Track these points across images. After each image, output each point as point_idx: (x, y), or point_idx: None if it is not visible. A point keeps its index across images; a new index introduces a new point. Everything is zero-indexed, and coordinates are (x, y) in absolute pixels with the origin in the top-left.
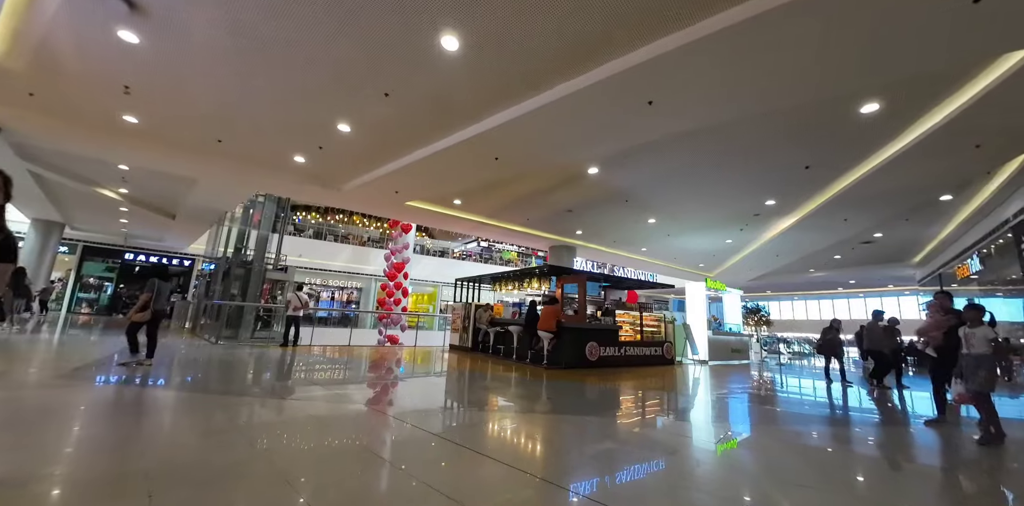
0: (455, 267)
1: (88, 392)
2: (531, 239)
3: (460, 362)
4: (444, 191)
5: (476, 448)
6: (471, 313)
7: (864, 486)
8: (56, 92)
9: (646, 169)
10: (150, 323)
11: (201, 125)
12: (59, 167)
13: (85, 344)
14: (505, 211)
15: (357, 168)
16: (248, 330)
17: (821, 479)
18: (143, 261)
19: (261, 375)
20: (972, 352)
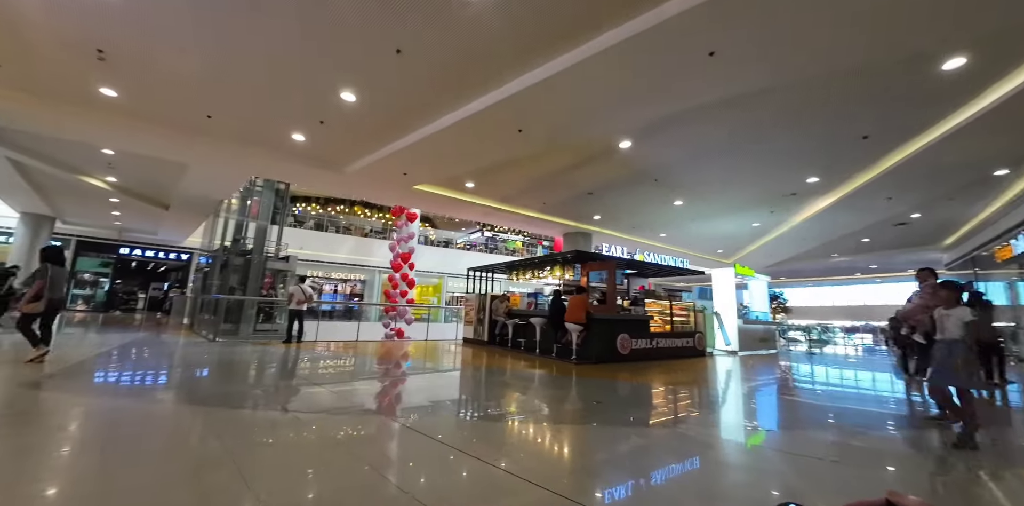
0: (460, 258)
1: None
2: (545, 226)
3: (479, 357)
4: (456, 172)
5: (521, 473)
6: (486, 304)
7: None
8: (25, 60)
9: (683, 143)
10: (45, 314)
11: (187, 97)
12: (39, 153)
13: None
14: (520, 195)
15: (362, 146)
16: (249, 324)
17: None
18: (139, 255)
19: (259, 381)
20: (945, 337)
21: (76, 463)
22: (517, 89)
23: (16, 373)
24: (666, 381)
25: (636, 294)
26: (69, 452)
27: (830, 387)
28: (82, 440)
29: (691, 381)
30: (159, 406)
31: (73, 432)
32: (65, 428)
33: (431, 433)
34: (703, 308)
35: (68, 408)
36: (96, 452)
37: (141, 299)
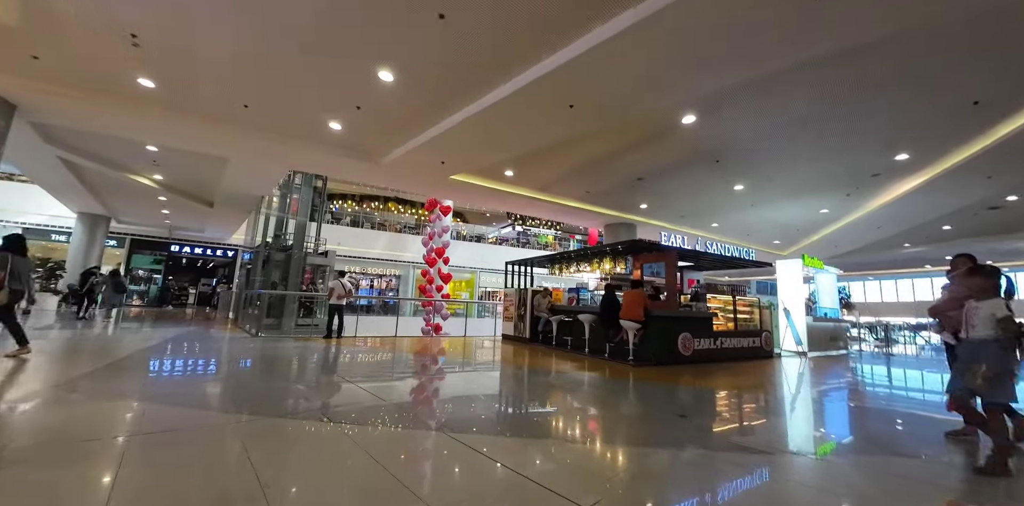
0: (492, 252)
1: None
2: (584, 216)
3: (524, 357)
4: (496, 160)
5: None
6: (527, 300)
7: None
8: (60, 51)
9: (757, 115)
10: (4, 307)
11: (223, 86)
12: (87, 151)
13: (128, 337)
14: (562, 183)
15: (399, 133)
16: (291, 319)
17: None
18: (188, 253)
19: (299, 380)
20: (971, 336)
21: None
22: (573, 55)
23: (57, 368)
24: (745, 387)
25: (697, 288)
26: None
27: (933, 395)
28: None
29: (776, 388)
30: (192, 414)
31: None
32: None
33: (477, 446)
34: (769, 304)
35: (109, 410)
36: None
37: (191, 294)
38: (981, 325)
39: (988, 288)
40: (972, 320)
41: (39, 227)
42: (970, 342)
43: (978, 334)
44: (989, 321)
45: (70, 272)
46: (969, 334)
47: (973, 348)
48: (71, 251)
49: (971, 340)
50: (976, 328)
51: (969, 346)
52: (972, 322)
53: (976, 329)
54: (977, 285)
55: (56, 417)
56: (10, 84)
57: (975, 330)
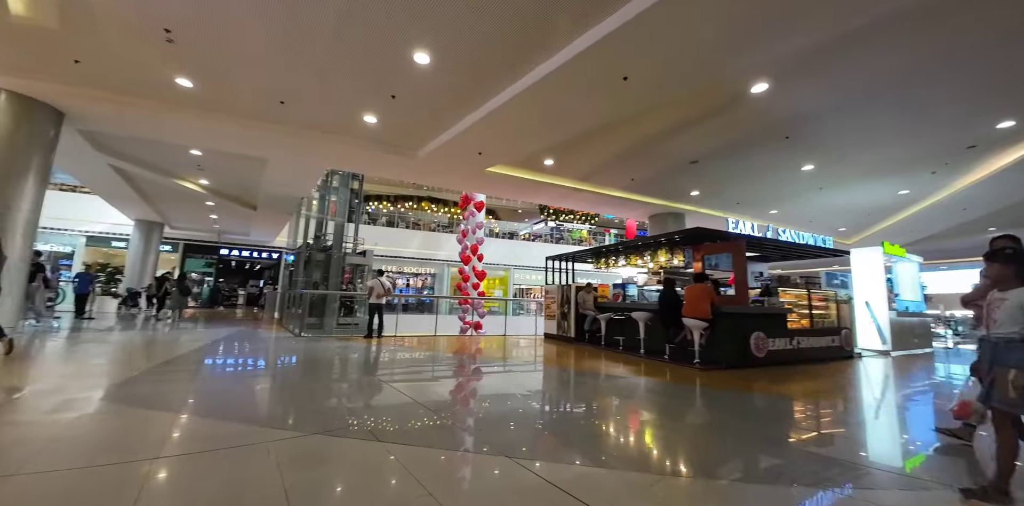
0: (525, 249)
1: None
2: (628, 207)
3: (572, 359)
4: (535, 147)
5: None
6: (570, 296)
7: None
8: (99, 52)
9: (839, 80)
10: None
11: (258, 82)
12: (136, 158)
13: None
14: (605, 172)
15: (435, 122)
16: (332, 318)
17: None
18: (237, 255)
19: (343, 388)
20: (993, 333)
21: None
22: (630, 16)
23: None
24: (840, 396)
25: (766, 281)
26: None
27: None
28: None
29: (880, 397)
30: (229, 430)
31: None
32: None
33: (547, 476)
34: (848, 298)
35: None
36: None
37: (240, 295)
38: (1006, 320)
39: (1009, 275)
40: (994, 314)
41: (100, 235)
42: (991, 342)
43: (1001, 331)
44: (1016, 315)
45: (128, 277)
46: (990, 331)
47: (997, 349)
48: (129, 256)
49: (993, 339)
50: (999, 324)
51: (990, 347)
52: (994, 316)
53: (999, 325)
54: (996, 273)
55: (96, 428)
56: (57, 91)
57: (997, 326)
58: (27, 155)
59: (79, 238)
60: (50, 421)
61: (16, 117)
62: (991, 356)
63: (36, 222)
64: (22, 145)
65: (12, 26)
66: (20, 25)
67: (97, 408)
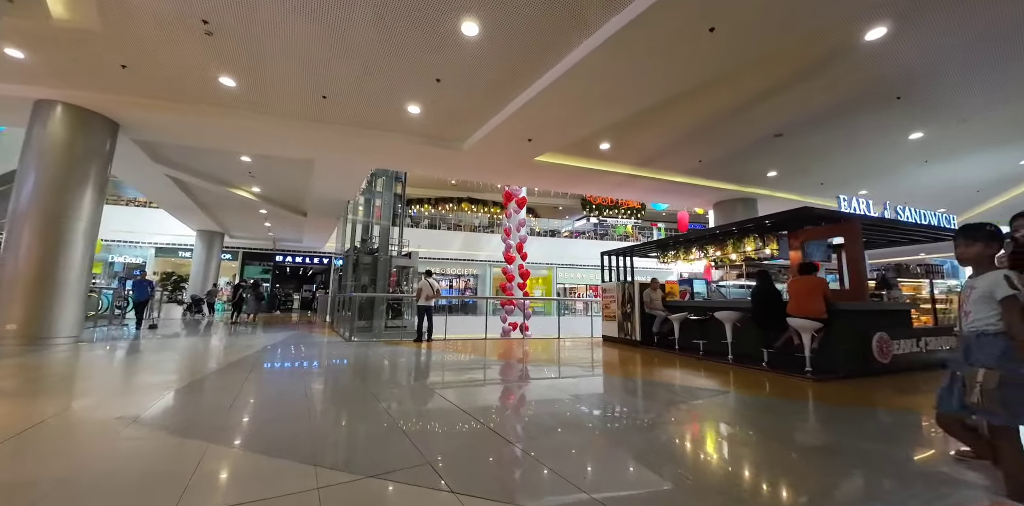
0: (568, 246)
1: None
2: (690, 194)
3: (648, 366)
4: (593, 128)
5: None
6: (633, 295)
7: None
8: (143, 55)
9: (964, 28)
10: None
11: (299, 76)
12: (191, 168)
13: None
14: (669, 154)
15: (482, 106)
16: (381, 321)
17: None
18: (291, 261)
19: (397, 405)
20: (965, 327)
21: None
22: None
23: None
24: None
25: (882, 271)
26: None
27: None
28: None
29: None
30: (266, 470)
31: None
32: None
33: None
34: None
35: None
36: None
37: (295, 300)
38: (977, 310)
39: (983, 257)
40: (966, 305)
41: (167, 246)
42: (964, 337)
43: (974, 324)
44: (986, 304)
45: (192, 284)
46: (963, 324)
47: (968, 345)
48: (193, 265)
49: (965, 333)
50: (971, 316)
51: (962, 343)
52: (966, 308)
53: (971, 317)
54: (970, 255)
55: (126, 459)
56: (109, 101)
57: (968, 319)
58: (85, 166)
59: (149, 249)
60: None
61: (72, 129)
62: (964, 353)
63: (96, 233)
64: (80, 156)
65: (56, 31)
66: (63, 29)
67: (131, 433)
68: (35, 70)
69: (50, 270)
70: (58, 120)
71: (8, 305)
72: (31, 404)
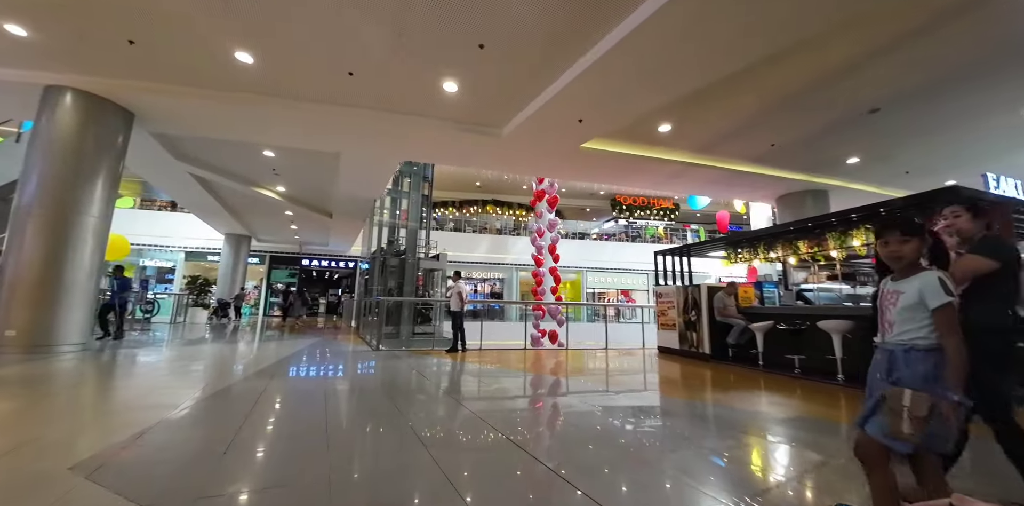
0: (598, 249)
1: None
2: (751, 186)
3: (745, 389)
4: (654, 104)
5: None
6: (698, 300)
7: None
8: (150, 24)
9: None
10: None
11: (323, 46)
12: (213, 166)
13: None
14: (736, 137)
15: (529, 80)
16: (409, 327)
17: None
18: (316, 265)
19: (451, 445)
20: (889, 340)
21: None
22: None
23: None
24: None
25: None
26: None
27: None
28: None
29: None
30: None
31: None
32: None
33: None
34: None
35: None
36: None
37: (321, 304)
38: (904, 321)
39: (917, 256)
40: (887, 313)
41: (197, 249)
42: (885, 350)
43: (900, 337)
44: (916, 313)
45: (219, 288)
46: (884, 337)
47: (891, 360)
48: (220, 269)
49: (890, 347)
50: (895, 328)
51: (884, 356)
52: (887, 316)
53: (896, 329)
54: (906, 253)
55: None
56: (120, 86)
57: (893, 331)
58: (96, 157)
59: (179, 253)
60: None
61: (84, 117)
62: (886, 368)
63: (107, 230)
64: (91, 147)
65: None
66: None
67: (80, 496)
68: (41, 51)
69: (55, 270)
70: (68, 108)
71: (8, 309)
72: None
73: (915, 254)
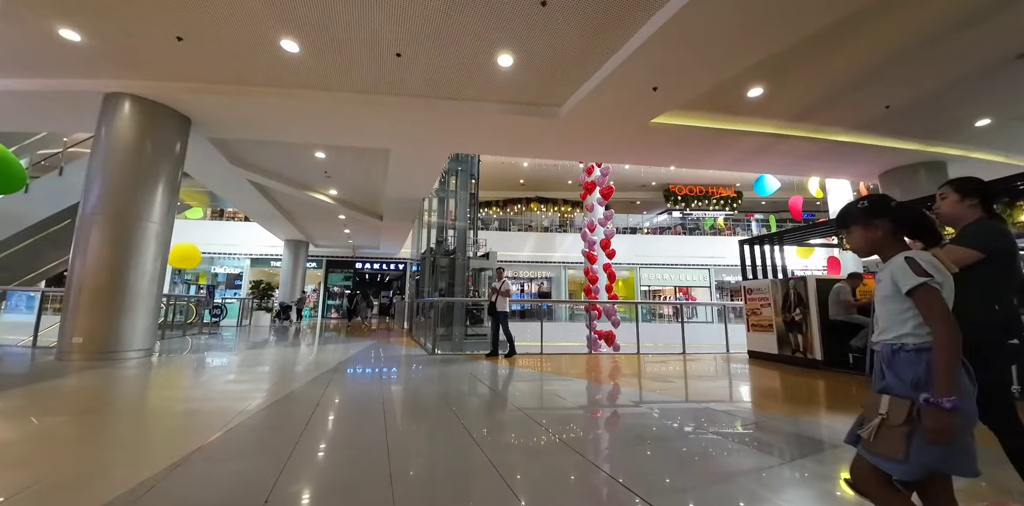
0: (653, 244)
1: None
2: (851, 159)
3: None
4: (750, 61)
5: None
6: (805, 296)
7: None
8: (197, 16)
9: None
10: None
11: (370, 24)
12: (269, 171)
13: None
14: (840, 99)
15: (598, 40)
16: (461, 328)
17: None
18: (369, 268)
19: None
20: (875, 340)
21: None
22: None
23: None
24: None
25: None
26: None
27: None
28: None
29: None
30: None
31: None
32: None
33: None
34: None
35: None
36: None
37: (374, 305)
38: (885, 316)
39: (856, 243)
40: (875, 303)
41: (261, 256)
42: (878, 352)
43: (884, 336)
44: (894, 304)
45: (281, 292)
46: (876, 335)
47: (882, 363)
48: (282, 274)
49: (879, 348)
50: (879, 324)
51: (876, 360)
52: (875, 313)
53: (880, 326)
54: (868, 237)
55: None
56: (174, 89)
57: (878, 329)
58: (156, 163)
59: (245, 260)
60: None
61: (142, 123)
62: (879, 375)
63: (168, 236)
64: (151, 152)
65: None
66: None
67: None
68: (96, 56)
69: (119, 276)
70: (127, 115)
71: (76, 315)
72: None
73: (865, 242)
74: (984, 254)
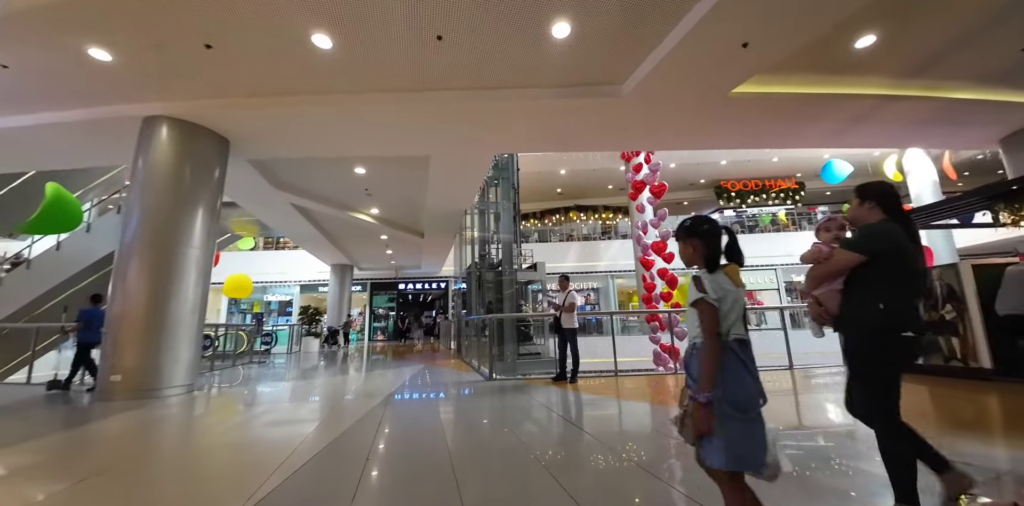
0: None
1: None
2: (969, 122)
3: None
4: (852, 7)
5: None
6: (960, 288)
7: None
8: (227, 24)
9: None
10: None
11: (406, 9)
12: (311, 193)
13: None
14: (965, 45)
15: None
16: (513, 345)
17: None
18: (412, 288)
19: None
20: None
21: None
22: None
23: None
24: None
25: None
26: None
27: None
28: None
29: None
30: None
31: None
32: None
33: None
34: None
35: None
36: None
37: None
38: (689, 321)
39: (684, 256)
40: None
41: (309, 282)
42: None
43: (689, 338)
44: (692, 313)
45: (328, 316)
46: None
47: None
48: (329, 299)
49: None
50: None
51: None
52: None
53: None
54: (680, 253)
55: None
56: (209, 107)
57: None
58: (196, 187)
59: (295, 287)
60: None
61: (180, 148)
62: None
63: (209, 263)
64: (188, 178)
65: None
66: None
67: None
68: (127, 76)
69: (160, 305)
70: (165, 139)
71: (115, 350)
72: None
73: (683, 256)
74: (865, 256)
